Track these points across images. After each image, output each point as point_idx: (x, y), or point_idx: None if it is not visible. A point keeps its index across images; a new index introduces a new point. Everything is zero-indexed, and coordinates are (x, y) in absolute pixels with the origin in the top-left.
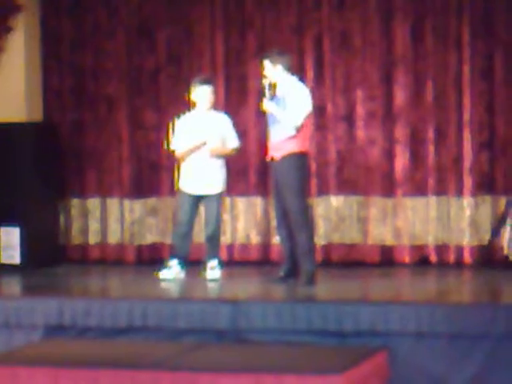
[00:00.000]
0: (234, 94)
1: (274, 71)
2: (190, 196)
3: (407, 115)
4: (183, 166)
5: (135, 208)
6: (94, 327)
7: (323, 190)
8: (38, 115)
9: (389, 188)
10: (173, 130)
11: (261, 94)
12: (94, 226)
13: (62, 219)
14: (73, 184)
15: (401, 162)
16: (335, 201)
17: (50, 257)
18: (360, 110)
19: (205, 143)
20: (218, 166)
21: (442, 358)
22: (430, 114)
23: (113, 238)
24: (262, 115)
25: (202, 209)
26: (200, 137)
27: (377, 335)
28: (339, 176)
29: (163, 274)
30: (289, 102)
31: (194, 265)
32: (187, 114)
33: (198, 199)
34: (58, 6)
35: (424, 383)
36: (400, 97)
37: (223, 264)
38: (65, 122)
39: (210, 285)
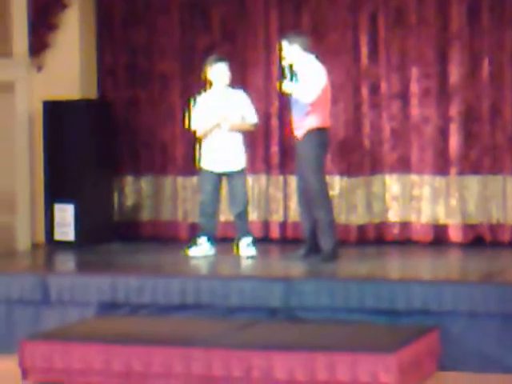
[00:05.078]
0: None
1: (291, 51)
2: (211, 174)
3: (462, 93)
4: (204, 145)
5: (188, 185)
6: (147, 304)
7: (377, 169)
8: (92, 93)
9: (443, 166)
10: (192, 109)
11: (280, 76)
12: (147, 203)
13: (115, 196)
14: (126, 161)
15: (455, 140)
16: (389, 179)
17: (103, 234)
18: (414, 88)
19: (224, 119)
20: (238, 143)
21: (495, 337)
22: (486, 92)
23: (166, 215)
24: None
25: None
26: (219, 114)
27: (429, 314)
28: (393, 154)
29: (193, 251)
30: (301, 77)
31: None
32: (205, 93)
33: (220, 177)
34: None
35: (476, 363)
36: (455, 74)
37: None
38: (119, 99)
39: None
